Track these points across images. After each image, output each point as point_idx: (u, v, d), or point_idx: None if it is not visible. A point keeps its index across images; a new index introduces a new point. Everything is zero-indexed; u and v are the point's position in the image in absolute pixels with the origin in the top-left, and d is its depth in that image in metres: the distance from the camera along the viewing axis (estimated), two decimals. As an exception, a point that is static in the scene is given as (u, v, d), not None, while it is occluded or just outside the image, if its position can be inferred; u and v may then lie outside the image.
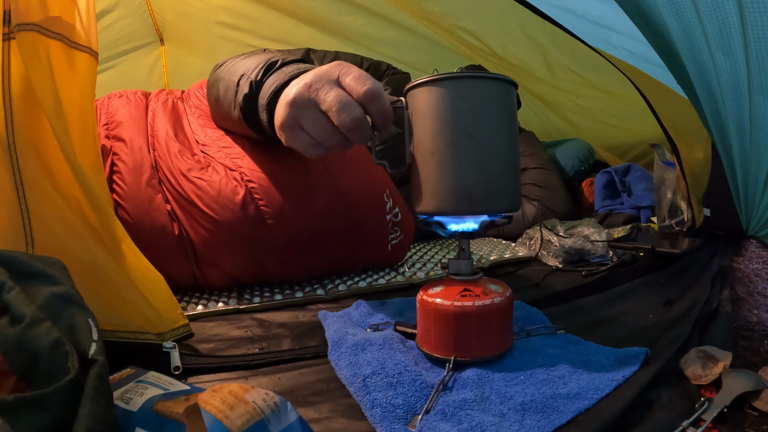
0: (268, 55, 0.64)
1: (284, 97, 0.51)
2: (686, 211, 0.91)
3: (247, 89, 0.61)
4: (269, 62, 0.60)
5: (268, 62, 0.60)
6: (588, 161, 1.48)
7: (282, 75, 0.57)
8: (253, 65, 0.62)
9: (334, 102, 0.47)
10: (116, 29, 1.69)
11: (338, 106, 0.47)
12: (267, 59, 0.62)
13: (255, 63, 0.62)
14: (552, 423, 0.37)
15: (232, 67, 0.68)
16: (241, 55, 0.74)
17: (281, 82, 0.56)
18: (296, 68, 0.57)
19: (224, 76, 0.68)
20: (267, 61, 0.61)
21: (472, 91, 0.44)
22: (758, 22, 0.54)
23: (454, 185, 0.45)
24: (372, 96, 0.47)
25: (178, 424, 0.30)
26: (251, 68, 0.62)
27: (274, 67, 0.60)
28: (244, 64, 0.65)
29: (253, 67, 0.62)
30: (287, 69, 0.58)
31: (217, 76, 0.70)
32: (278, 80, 0.57)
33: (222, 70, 0.70)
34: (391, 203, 0.78)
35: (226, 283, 0.73)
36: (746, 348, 0.53)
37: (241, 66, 0.65)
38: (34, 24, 0.47)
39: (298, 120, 0.49)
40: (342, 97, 0.47)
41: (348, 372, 0.44)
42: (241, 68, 0.65)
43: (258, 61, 0.62)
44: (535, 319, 0.56)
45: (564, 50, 1.20)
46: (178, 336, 0.50)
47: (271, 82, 0.58)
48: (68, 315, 0.34)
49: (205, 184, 0.67)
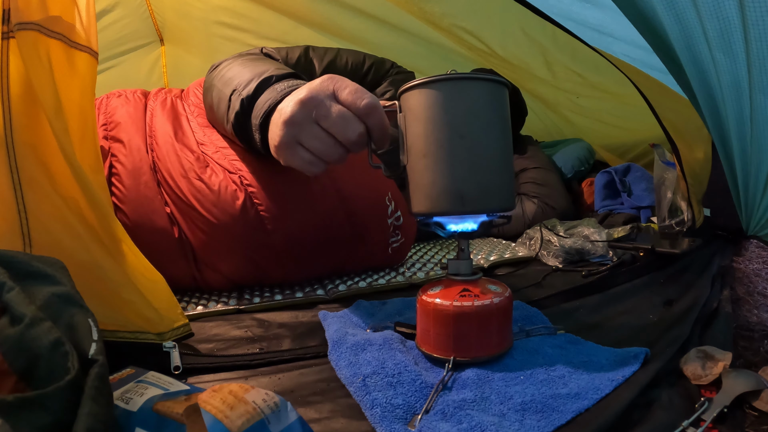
0: (261, 67, 0.63)
1: (279, 115, 0.50)
2: (686, 211, 0.91)
3: (239, 107, 0.60)
4: (262, 78, 0.59)
5: (260, 78, 0.59)
6: (588, 161, 1.48)
7: (274, 93, 0.56)
8: (245, 79, 0.61)
9: (337, 118, 0.47)
10: (116, 29, 1.69)
11: (341, 122, 0.47)
12: (260, 73, 0.60)
13: (247, 76, 0.61)
14: (552, 423, 0.37)
15: (227, 73, 0.67)
16: (237, 55, 0.74)
17: (273, 101, 0.55)
18: (288, 85, 0.57)
19: (217, 84, 0.67)
20: (260, 76, 0.60)
21: (463, 93, 0.45)
22: (759, 21, 0.54)
23: (447, 185, 0.45)
24: (371, 110, 0.47)
25: (178, 424, 0.30)
26: (243, 83, 0.61)
27: (266, 84, 0.59)
28: (238, 74, 0.64)
29: (245, 82, 0.61)
30: (279, 86, 0.57)
31: (212, 82, 0.70)
32: (271, 99, 0.56)
33: (216, 75, 0.69)
34: (393, 206, 0.77)
35: (225, 286, 0.73)
36: (746, 348, 0.53)
37: (234, 75, 0.64)
38: (34, 23, 0.46)
39: (296, 138, 0.49)
40: (343, 112, 0.47)
41: (348, 372, 0.44)
42: (234, 79, 0.64)
43: (251, 75, 0.61)
44: (535, 319, 0.56)
45: (564, 50, 1.20)
46: (178, 335, 0.50)
47: (263, 100, 0.57)
48: (68, 315, 0.34)
49: (204, 187, 0.66)
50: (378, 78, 0.93)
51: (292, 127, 0.49)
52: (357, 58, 0.91)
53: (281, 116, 0.50)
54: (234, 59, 0.71)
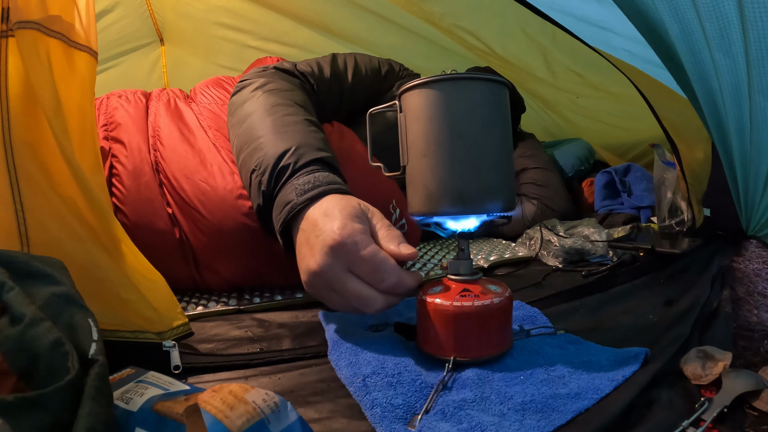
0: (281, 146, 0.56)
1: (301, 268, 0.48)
2: (686, 211, 0.91)
3: (260, 200, 0.56)
4: (279, 168, 0.55)
5: (277, 168, 0.55)
6: (588, 161, 1.48)
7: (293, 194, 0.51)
8: (267, 157, 0.55)
9: (356, 299, 0.45)
10: (116, 29, 1.69)
11: (363, 302, 0.45)
12: (278, 154, 0.55)
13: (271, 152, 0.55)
14: (552, 423, 0.37)
15: (251, 119, 0.62)
16: (264, 76, 0.70)
17: (286, 215, 0.51)
18: (306, 182, 0.52)
19: (237, 129, 0.63)
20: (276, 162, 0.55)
21: (463, 93, 0.45)
22: (758, 22, 0.54)
23: (447, 185, 0.45)
24: (392, 290, 0.45)
25: (178, 424, 0.30)
26: (263, 164, 0.55)
27: (283, 176, 0.54)
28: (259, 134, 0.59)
29: (265, 164, 0.55)
30: (297, 183, 0.52)
31: (233, 119, 0.66)
32: (286, 211, 0.51)
33: (238, 112, 0.65)
34: (398, 214, 0.76)
35: (225, 288, 0.73)
36: (746, 348, 0.53)
37: (254, 136, 0.60)
38: (33, 22, 0.46)
39: (320, 292, 0.48)
40: (361, 292, 0.45)
41: (348, 372, 0.44)
42: (255, 141, 0.59)
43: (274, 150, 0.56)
44: (535, 319, 0.56)
45: (564, 50, 1.20)
46: (177, 335, 0.50)
47: (282, 203, 0.52)
48: (68, 315, 0.34)
49: (208, 189, 0.66)
50: (392, 81, 0.92)
51: (312, 288, 0.48)
52: (372, 64, 0.89)
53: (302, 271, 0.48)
54: (259, 91, 0.67)
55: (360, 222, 0.47)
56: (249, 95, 0.67)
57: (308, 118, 0.64)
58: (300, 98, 0.69)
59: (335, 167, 0.57)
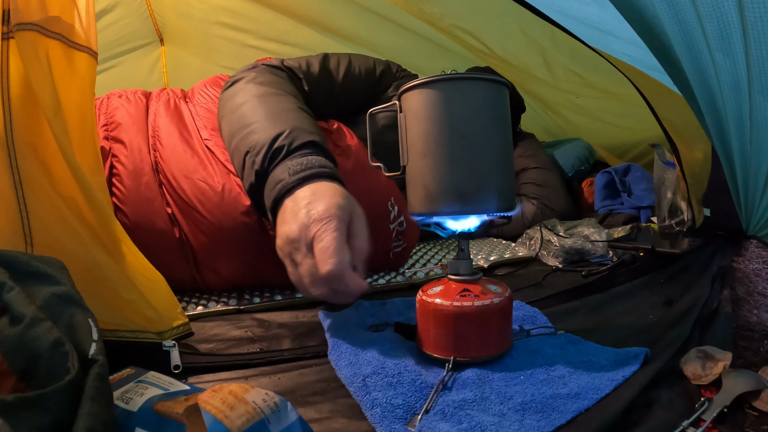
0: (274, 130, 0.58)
1: (278, 231, 0.52)
2: (686, 211, 0.91)
3: (253, 178, 0.58)
4: (274, 149, 0.57)
5: (272, 149, 0.57)
6: (588, 161, 1.48)
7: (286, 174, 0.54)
8: (261, 140, 0.58)
9: (306, 273, 0.49)
10: (116, 29, 1.69)
11: (309, 279, 0.49)
12: (272, 137, 0.57)
13: (262, 136, 0.58)
14: (552, 423, 0.37)
15: (242, 109, 0.64)
16: (254, 72, 0.71)
17: (278, 193, 0.54)
18: (299, 164, 0.55)
19: (228, 118, 0.65)
20: (271, 143, 0.57)
21: (462, 93, 0.45)
22: (758, 22, 0.54)
23: (446, 185, 0.45)
24: (331, 279, 0.47)
25: (178, 424, 0.30)
26: (258, 146, 0.58)
27: (278, 156, 0.57)
28: (252, 120, 0.61)
29: (260, 146, 0.57)
30: (291, 164, 0.55)
31: (223, 111, 0.68)
32: (277, 189, 0.54)
33: (229, 103, 0.67)
34: (396, 212, 0.76)
35: (225, 287, 0.73)
36: (746, 348, 0.53)
37: (248, 122, 0.61)
38: (33, 23, 0.46)
39: (285, 258, 0.52)
40: (311, 270, 0.48)
41: (348, 372, 0.44)
42: (247, 127, 0.61)
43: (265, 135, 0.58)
44: (535, 319, 0.56)
45: (563, 50, 1.20)
46: (178, 334, 0.50)
47: (274, 182, 0.55)
48: (68, 315, 0.34)
49: (207, 189, 0.66)
50: (389, 82, 0.92)
51: (281, 252, 0.52)
52: (367, 64, 0.89)
53: (278, 234, 0.52)
54: (250, 83, 0.68)
55: (342, 212, 0.50)
56: (240, 88, 0.68)
57: (300, 106, 0.65)
58: (290, 89, 0.71)
59: (327, 150, 0.60)
